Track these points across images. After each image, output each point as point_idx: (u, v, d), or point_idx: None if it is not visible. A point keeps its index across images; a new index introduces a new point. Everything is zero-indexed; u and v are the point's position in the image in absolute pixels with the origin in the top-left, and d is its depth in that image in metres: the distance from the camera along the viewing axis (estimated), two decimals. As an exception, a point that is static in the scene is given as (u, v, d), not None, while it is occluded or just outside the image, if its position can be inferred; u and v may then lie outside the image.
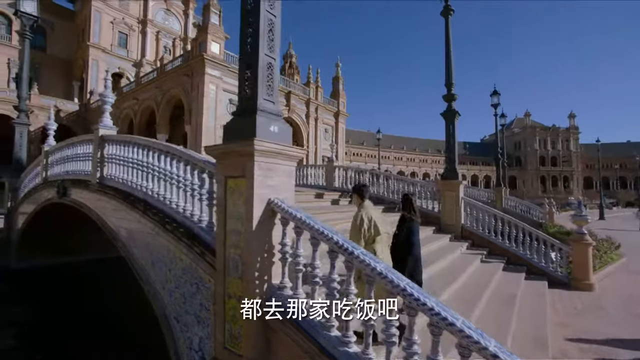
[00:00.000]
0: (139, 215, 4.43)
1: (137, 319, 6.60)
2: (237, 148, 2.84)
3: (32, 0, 11.75)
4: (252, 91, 2.99)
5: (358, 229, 3.25)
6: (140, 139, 5.05)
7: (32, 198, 9.35)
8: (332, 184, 11.85)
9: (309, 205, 8.29)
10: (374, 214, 3.39)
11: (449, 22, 9.72)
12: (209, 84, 17.61)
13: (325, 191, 11.11)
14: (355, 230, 3.27)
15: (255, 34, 3.05)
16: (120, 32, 34.70)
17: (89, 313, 7.32)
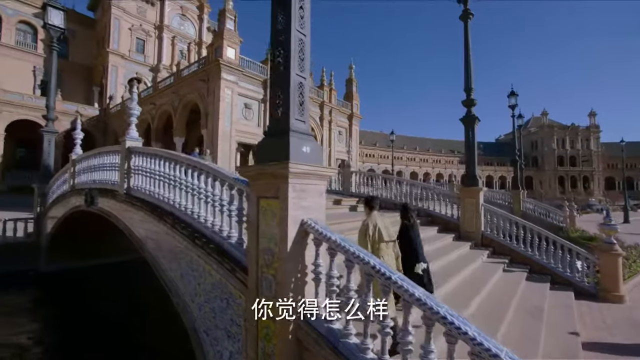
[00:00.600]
0: (167, 228, 4.55)
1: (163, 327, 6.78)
2: (271, 170, 2.88)
3: (59, 12, 12.18)
4: (283, 111, 3.03)
5: (364, 234, 3.59)
6: (166, 152, 5.19)
7: (61, 204, 9.70)
8: (348, 189, 11.85)
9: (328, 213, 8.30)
10: (379, 223, 3.68)
11: (468, 26, 9.58)
12: (225, 88, 17.85)
13: (342, 197, 11.11)
14: (361, 235, 3.62)
15: (287, 54, 3.08)
16: (137, 38, 35.57)
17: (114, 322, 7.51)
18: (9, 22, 30.59)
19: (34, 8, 31.60)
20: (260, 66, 20.32)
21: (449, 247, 8.09)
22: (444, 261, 6.81)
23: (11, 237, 10.96)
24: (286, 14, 3.11)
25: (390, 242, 3.69)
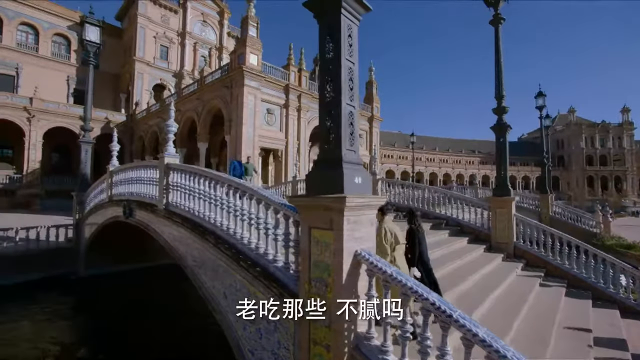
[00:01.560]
0: (210, 247, 4.68)
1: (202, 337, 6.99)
2: (327, 204, 2.92)
3: (95, 28, 12.76)
4: (335, 142, 3.06)
5: (382, 238, 3.78)
6: (205, 170, 5.33)
7: (99, 213, 10.15)
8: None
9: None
10: (392, 227, 3.96)
11: (499, 31, 9.32)
12: (248, 95, 18.14)
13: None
14: (380, 240, 3.75)
15: (337, 84, 3.12)
16: (161, 46, 36.68)
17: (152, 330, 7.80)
18: (46, 35, 32.27)
19: (68, 21, 33.27)
20: (282, 71, 20.53)
21: (481, 259, 7.91)
22: (478, 275, 6.67)
23: (54, 242, 11.59)
24: (335, 43, 3.15)
25: (402, 244, 4.00)
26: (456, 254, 7.75)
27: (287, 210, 3.68)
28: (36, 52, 31.73)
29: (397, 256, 3.81)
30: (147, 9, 34.98)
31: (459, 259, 7.32)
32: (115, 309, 9.09)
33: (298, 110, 20.96)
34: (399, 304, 2.75)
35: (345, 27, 3.16)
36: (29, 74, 30.83)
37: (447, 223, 10.36)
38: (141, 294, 10.19)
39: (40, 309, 9.11)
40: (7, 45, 29.86)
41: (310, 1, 3.27)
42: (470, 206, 10.32)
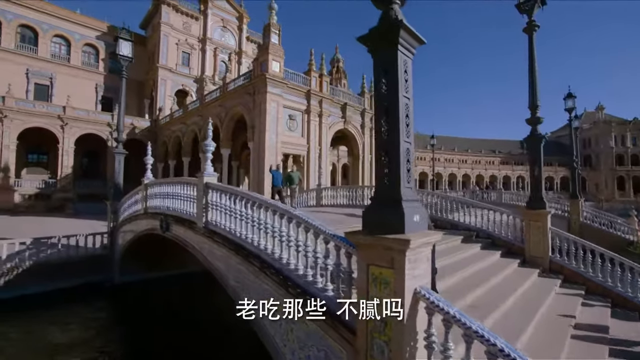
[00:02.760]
0: (255, 270, 4.77)
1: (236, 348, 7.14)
2: (388, 244, 2.93)
3: (128, 42, 13.25)
4: (393, 180, 3.07)
5: None
6: (247, 193, 5.43)
7: (134, 223, 10.51)
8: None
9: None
10: None
11: (533, 39, 9.05)
12: (271, 102, 18.36)
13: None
14: None
15: (394, 121, 3.12)
16: (183, 52, 37.64)
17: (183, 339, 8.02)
18: (77, 46, 33.80)
19: (97, 31, 34.72)
20: (303, 77, 20.65)
21: (517, 276, 7.70)
22: (516, 294, 6.50)
23: (91, 249, 12.10)
24: (391, 80, 3.16)
25: None
26: (491, 270, 7.58)
27: (338, 241, 3.72)
28: (68, 62, 33.29)
29: None
30: (170, 17, 35.98)
31: (495, 276, 7.15)
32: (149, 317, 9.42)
33: (319, 115, 21.04)
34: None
35: (401, 63, 3.17)
36: (62, 83, 32.35)
37: (478, 235, 10.15)
38: (173, 302, 10.52)
39: (79, 315, 9.55)
40: (42, 56, 31.49)
41: (364, 36, 3.29)
42: (502, 218, 10.06)
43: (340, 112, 22.75)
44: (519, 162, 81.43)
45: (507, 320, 5.31)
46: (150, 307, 10.16)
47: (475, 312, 4.98)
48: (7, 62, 29.54)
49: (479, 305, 5.54)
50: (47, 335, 8.10)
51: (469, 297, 5.66)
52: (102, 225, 18.04)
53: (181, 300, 10.66)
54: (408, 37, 3.18)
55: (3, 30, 29.53)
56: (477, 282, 6.40)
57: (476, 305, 5.52)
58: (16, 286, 10.00)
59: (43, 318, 8.95)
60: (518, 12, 9.26)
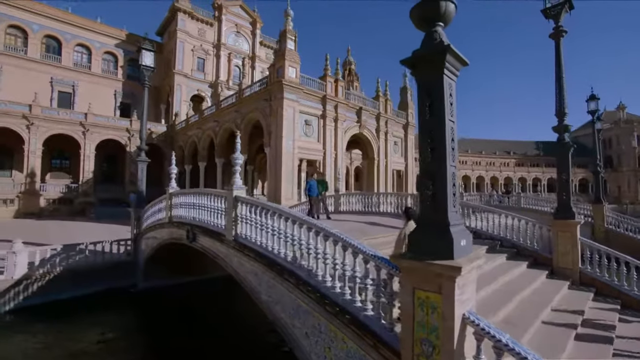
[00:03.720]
0: (290, 287, 4.80)
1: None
2: (437, 270, 2.92)
3: (150, 53, 13.59)
4: (440, 204, 3.06)
5: (402, 241, 4.46)
6: (279, 208, 5.47)
7: (158, 231, 10.73)
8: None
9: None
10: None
11: (560, 44, 8.87)
12: (287, 107, 18.49)
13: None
14: (400, 241, 4.55)
15: (440, 146, 3.11)
16: (198, 58, 38.30)
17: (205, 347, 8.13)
18: (97, 54, 34.87)
19: (116, 39, 35.74)
20: (319, 82, 20.73)
21: (547, 288, 7.52)
22: (550, 309, 6.36)
23: (116, 255, 12.42)
24: (437, 104, 3.15)
25: None
26: (519, 282, 7.42)
27: (379, 261, 3.73)
28: (89, 70, 34.35)
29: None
30: (186, 24, 36.69)
31: (524, 289, 7.00)
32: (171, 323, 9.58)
33: (335, 120, 21.07)
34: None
35: (447, 87, 3.16)
36: (83, 90, 33.40)
37: (502, 244, 9.97)
38: (195, 308, 10.70)
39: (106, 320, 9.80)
40: (65, 65, 32.61)
41: (408, 60, 3.30)
42: (527, 227, 9.85)
43: (356, 116, 22.74)
44: (534, 164, 79.59)
45: (544, 337, 5.20)
46: (172, 312, 10.35)
47: (510, 328, 4.89)
48: (33, 71, 30.70)
49: (512, 320, 5.44)
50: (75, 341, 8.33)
51: (501, 312, 5.57)
52: (123, 230, 18.50)
53: (203, 306, 10.84)
54: (453, 61, 3.17)
55: (29, 41, 30.75)
56: (506, 295, 6.29)
57: (510, 320, 5.43)
58: (48, 292, 10.35)
59: (72, 323, 9.22)
60: (544, 17, 9.14)
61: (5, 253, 9.90)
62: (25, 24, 30.60)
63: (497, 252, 9.49)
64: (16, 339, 8.29)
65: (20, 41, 30.75)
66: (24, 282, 10.04)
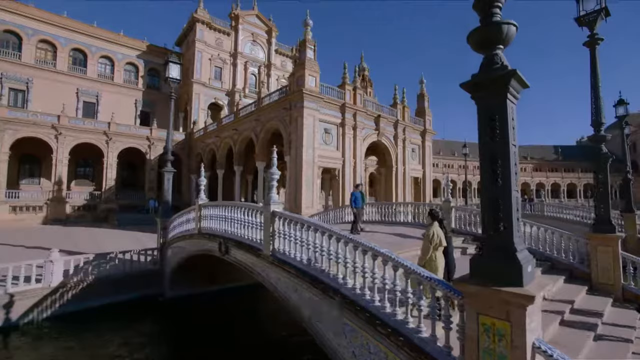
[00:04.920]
0: (335, 305, 4.78)
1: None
2: (505, 297, 2.88)
3: (177, 65, 13.97)
4: (506, 232, 3.03)
5: (429, 240, 4.99)
6: (320, 225, 5.46)
7: (186, 241, 10.91)
8: (449, 224, 11.40)
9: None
10: (438, 231, 5.12)
11: (595, 53, 8.66)
12: (308, 116, 18.63)
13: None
14: (427, 240, 5.03)
15: (505, 172, 3.09)
16: (216, 67, 39.12)
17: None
18: (119, 65, 36.10)
19: (137, 50, 36.98)
20: (337, 91, 20.84)
21: (591, 305, 7.25)
22: (599, 328, 6.14)
23: (144, 264, 12.66)
24: (501, 129, 3.12)
25: (442, 247, 5.09)
26: (560, 299, 7.21)
27: (434, 283, 3.69)
28: (112, 80, 35.57)
29: (437, 254, 5.01)
30: (204, 35, 37.61)
31: (566, 306, 6.80)
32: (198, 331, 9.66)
33: (354, 128, 21.10)
34: None
35: (510, 112, 3.14)
36: (106, 100, 34.58)
37: (534, 256, 9.69)
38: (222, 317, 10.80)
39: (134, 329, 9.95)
40: (90, 76, 33.91)
41: (468, 84, 3.30)
42: (562, 240, 9.57)
43: (374, 124, 22.72)
44: (553, 169, 77.62)
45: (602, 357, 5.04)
46: (199, 321, 10.45)
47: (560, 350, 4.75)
48: (61, 83, 32.02)
49: (560, 341, 5.28)
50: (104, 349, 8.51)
51: (548, 332, 5.41)
52: (145, 237, 18.96)
53: (229, 316, 10.92)
54: (516, 85, 3.16)
55: (58, 55, 32.15)
56: (548, 312, 6.12)
57: (557, 341, 5.27)
58: (81, 300, 10.64)
59: (101, 331, 9.44)
60: (577, 25, 8.97)
61: (43, 262, 10.24)
62: (54, 38, 32.05)
63: (554, 274, 9.16)
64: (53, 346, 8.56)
65: (50, 55, 32.18)
66: (60, 290, 10.34)
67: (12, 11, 29.97)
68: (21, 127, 26.07)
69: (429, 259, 4.98)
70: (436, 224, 5.20)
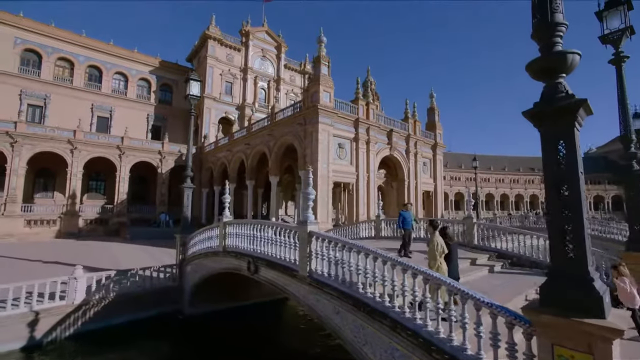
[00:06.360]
0: (383, 327, 4.72)
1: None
2: (587, 329, 2.82)
3: (197, 82, 14.27)
4: (579, 261, 3.00)
5: (435, 249, 5.48)
6: (365, 247, 5.37)
7: (209, 259, 10.84)
8: (471, 241, 11.28)
9: (471, 279, 7.88)
10: (441, 240, 5.65)
11: (622, 70, 8.72)
12: (322, 131, 18.77)
13: (469, 251, 10.61)
14: (432, 248, 5.51)
15: (574, 199, 3.08)
16: (226, 82, 39.81)
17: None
18: (133, 81, 36.91)
19: (149, 66, 37.87)
20: (351, 106, 21.06)
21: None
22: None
23: (163, 280, 12.59)
24: (570, 156, 3.14)
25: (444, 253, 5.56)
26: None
27: (495, 310, 3.63)
28: (125, 95, 36.31)
29: (442, 260, 5.47)
30: (216, 51, 38.46)
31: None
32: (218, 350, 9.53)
33: (367, 142, 21.21)
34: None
35: (577, 139, 3.16)
36: (119, 115, 35.23)
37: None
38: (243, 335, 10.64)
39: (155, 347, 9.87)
40: (105, 92, 34.68)
41: (533, 112, 3.32)
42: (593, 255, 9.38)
43: (386, 138, 22.82)
44: (562, 181, 76.95)
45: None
46: (222, 339, 10.29)
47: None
48: (76, 99, 32.77)
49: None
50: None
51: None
52: (159, 252, 18.97)
53: (254, 332, 10.77)
54: (583, 113, 3.18)
55: (75, 71, 33.02)
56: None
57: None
58: (103, 317, 10.56)
59: (123, 350, 9.33)
60: (600, 43, 9.06)
61: (68, 278, 10.24)
62: (73, 56, 33.00)
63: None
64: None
65: (67, 72, 33.05)
66: (83, 308, 10.30)
67: (35, 31, 31.04)
68: (39, 142, 26.58)
69: (436, 267, 5.43)
70: (437, 233, 5.72)
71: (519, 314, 3.42)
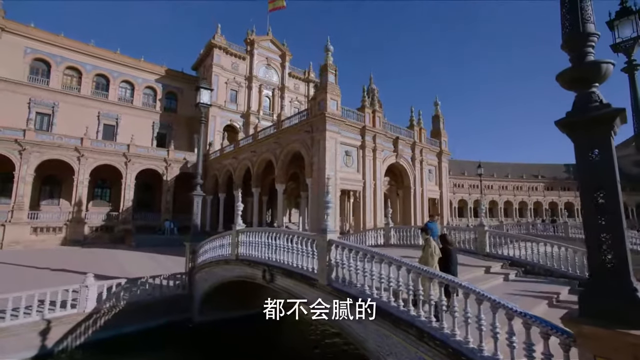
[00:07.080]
0: (409, 337, 4.67)
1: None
2: (634, 341, 2.79)
3: (207, 91, 14.41)
4: (620, 267, 2.97)
5: (428, 252, 5.70)
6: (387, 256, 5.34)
7: (221, 267, 10.80)
8: (483, 249, 11.21)
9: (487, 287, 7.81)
10: (435, 244, 5.90)
11: (634, 77, 8.75)
12: (329, 139, 18.84)
13: (482, 259, 10.53)
14: (427, 250, 5.72)
15: (614, 208, 3.06)
16: (231, 90, 40.22)
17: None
18: (139, 89, 37.34)
19: (156, 75, 38.34)
20: (357, 114, 21.17)
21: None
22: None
23: (173, 288, 12.52)
24: (607, 166, 3.13)
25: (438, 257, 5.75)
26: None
27: (529, 320, 3.60)
28: (131, 103, 36.69)
29: (436, 265, 5.61)
30: (221, 59, 38.95)
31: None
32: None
33: (373, 150, 21.26)
34: None
35: (613, 147, 3.16)
36: (125, 122, 35.56)
37: (580, 285, 9.43)
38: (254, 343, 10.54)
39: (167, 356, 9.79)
40: (111, 100, 35.08)
41: (567, 122, 3.33)
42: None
43: (392, 146, 22.88)
44: (566, 187, 76.83)
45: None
46: (229, 347, 10.20)
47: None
48: (84, 107, 33.16)
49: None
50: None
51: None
52: (166, 259, 18.93)
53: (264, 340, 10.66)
54: (618, 121, 3.19)
55: (83, 80, 33.50)
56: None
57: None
58: (114, 325, 10.49)
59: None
60: (612, 51, 9.12)
61: (79, 286, 10.21)
62: (81, 65, 33.51)
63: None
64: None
65: (75, 80, 33.52)
66: (94, 316, 10.24)
67: (45, 41, 31.58)
68: (47, 150, 26.79)
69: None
70: (430, 238, 6.01)
71: (555, 324, 3.38)
